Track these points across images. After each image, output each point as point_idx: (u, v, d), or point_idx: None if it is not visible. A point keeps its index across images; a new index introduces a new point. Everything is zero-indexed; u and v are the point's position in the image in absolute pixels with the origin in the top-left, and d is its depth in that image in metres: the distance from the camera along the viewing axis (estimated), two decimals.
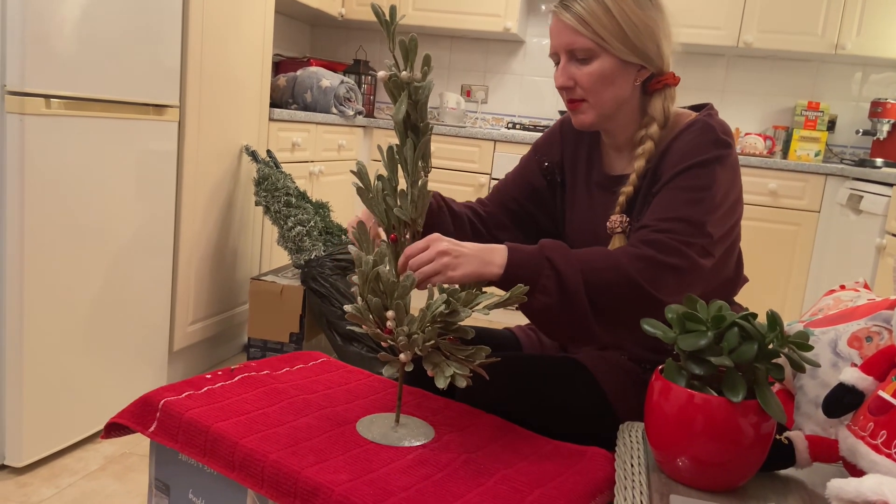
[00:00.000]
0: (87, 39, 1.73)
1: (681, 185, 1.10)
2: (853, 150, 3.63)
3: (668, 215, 1.08)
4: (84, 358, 1.86)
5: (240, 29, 2.41)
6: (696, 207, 1.08)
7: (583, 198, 1.29)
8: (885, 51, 3.26)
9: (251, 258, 2.69)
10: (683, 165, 1.10)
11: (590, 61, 1.14)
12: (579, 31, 1.12)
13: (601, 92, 1.15)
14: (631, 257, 1.04)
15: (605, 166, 1.27)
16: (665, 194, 1.11)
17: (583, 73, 1.15)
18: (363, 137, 3.54)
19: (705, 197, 1.09)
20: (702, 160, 1.10)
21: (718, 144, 1.12)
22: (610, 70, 1.14)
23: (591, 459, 1.00)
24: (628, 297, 1.02)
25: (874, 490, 0.64)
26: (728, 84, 3.72)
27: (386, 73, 0.96)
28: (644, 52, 1.14)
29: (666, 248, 1.05)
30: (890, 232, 2.45)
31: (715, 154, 1.11)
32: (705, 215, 1.08)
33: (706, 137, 1.12)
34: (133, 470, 1.81)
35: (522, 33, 3.82)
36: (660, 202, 1.11)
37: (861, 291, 1.23)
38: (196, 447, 1.00)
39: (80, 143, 1.75)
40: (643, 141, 1.18)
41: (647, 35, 1.13)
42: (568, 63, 1.16)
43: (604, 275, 1.02)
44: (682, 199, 1.09)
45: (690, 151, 1.11)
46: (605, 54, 1.13)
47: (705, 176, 1.10)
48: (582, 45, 1.13)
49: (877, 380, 0.86)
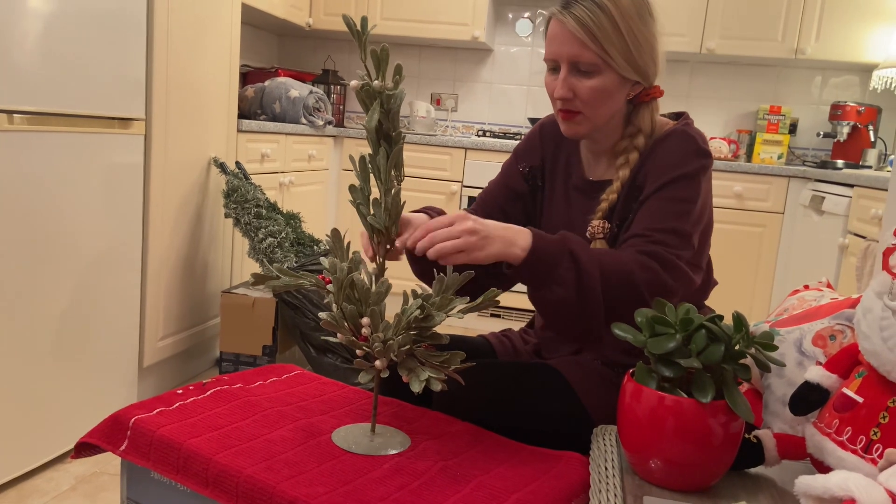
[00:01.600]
0: (50, 53, 1.70)
1: (670, 196, 1.12)
2: (815, 153, 3.71)
3: (660, 226, 1.10)
4: (52, 376, 1.82)
5: (206, 40, 2.39)
6: (683, 219, 1.11)
7: (561, 202, 1.30)
8: (844, 54, 3.35)
9: (222, 271, 2.66)
10: (671, 176, 1.13)
11: (592, 76, 1.13)
12: (586, 45, 1.10)
13: (599, 106, 1.15)
14: (639, 266, 1.05)
15: (585, 171, 1.28)
16: (655, 204, 1.13)
17: (584, 87, 1.13)
18: (333, 147, 3.53)
19: (691, 210, 1.12)
20: (687, 172, 1.13)
21: (700, 155, 1.14)
22: (611, 86, 1.14)
23: (567, 464, 1.01)
24: (629, 301, 1.03)
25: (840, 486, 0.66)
26: (692, 90, 3.79)
27: (358, 83, 0.97)
28: (644, 70, 1.15)
29: (666, 263, 1.07)
30: (852, 232, 2.51)
31: (699, 165, 1.14)
32: (692, 227, 1.12)
33: (689, 147, 1.15)
34: (105, 489, 1.78)
35: (490, 42, 3.85)
36: (650, 211, 1.12)
37: (824, 291, 1.25)
38: (168, 465, 0.99)
39: (44, 159, 1.72)
40: (628, 150, 1.19)
41: (648, 52, 1.14)
42: (569, 74, 1.14)
43: (616, 276, 1.03)
44: (672, 211, 1.11)
45: (676, 162, 1.13)
46: (608, 70, 1.13)
47: (691, 188, 1.13)
48: (588, 60, 1.12)
49: (841, 377, 0.88)
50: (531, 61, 3.96)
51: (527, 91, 3.98)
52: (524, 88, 3.98)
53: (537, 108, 3.96)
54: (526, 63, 3.97)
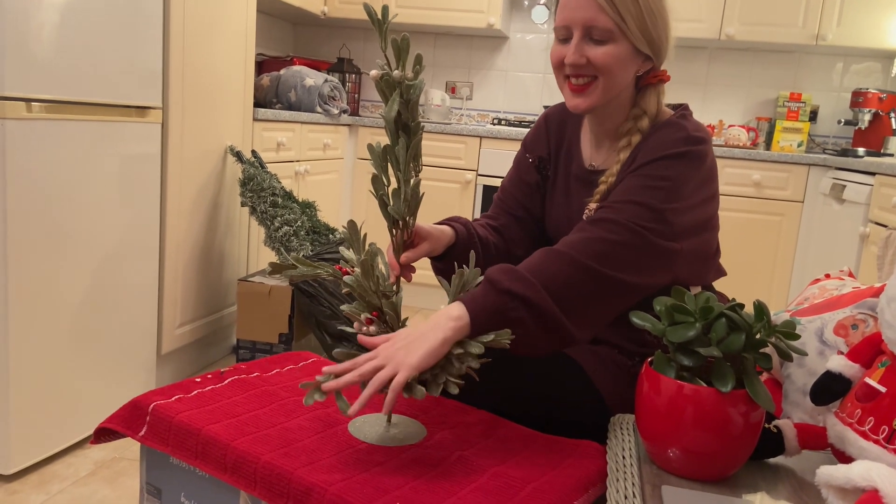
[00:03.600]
0: (67, 42, 1.71)
1: (643, 174, 1.09)
2: (835, 140, 3.66)
3: (623, 198, 1.07)
4: (71, 363, 1.84)
5: (222, 29, 2.39)
6: (654, 193, 1.06)
7: (561, 192, 1.29)
8: (866, 40, 3.29)
9: (238, 259, 2.68)
10: (649, 158, 1.10)
11: (606, 43, 1.10)
12: (603, 9, 1.07)
13: (614, 74, 1.12)
14: (577, 245, 1.02)
15: (584, 160, 1.27)
16: (627, 181, 1.10)
17: (598, 53, 1.10)
18: (348, 136, 3.53)
19: (667, 186, 1.07)
20: (669, 153, 1.10)
21: (688, 141, 1.11)
22: (624, 55, 1.11)
23: (583, 453, 1.01)
24: (590, 286, 1.00)
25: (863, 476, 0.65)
26: (711, 77, 3.74)
27: (378, 72, 0.96)
28: (656, 44, 1.13)
29: (613, 225, 1.03)
30: (873, 220, 2.47)
31: (684, 149, 1.10)
32: (664, 202, 1.06)
33: (677, 135, 1.12)
34: (123, 474, 1.80)
35: (506, 29, 3.82)
36: (620, 189, 1.10)
37: (846, 280, 1.24)
38: (187, 450, 0.99)
39: (62, 147, 1.73)
40: (631, 132, 1.17)
41: (661, 25, 1.12)
42: (582, 41, 1.11)
43: (560, 276, 0.99)
44: (640, 185, 1.08)
45: (659, 146, 1.11)
46: (622, 38, 1.10)
47: (671, 167, 1.09)
48: (603, 25, 1.09)
49: (863, 367, 0.87)
50: (547, 49, 3.93)
51: (542, 79, 3.95)
52: (540, 76, 3.95)
53: (553, 96, 3.93)
54: (542, 50, 3.94)
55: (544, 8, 3.87)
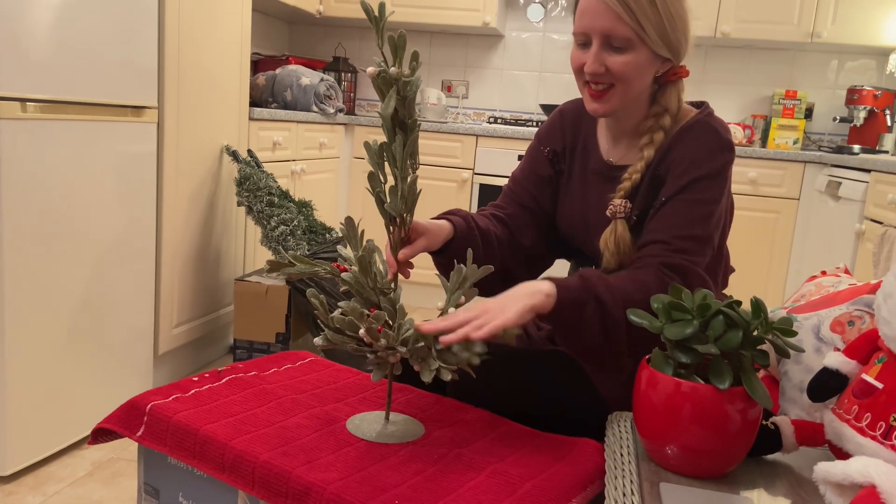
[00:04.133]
0: (62, 41, 1.70)
1: (692, 199, 1.11)
2: (831, 138, 3.67)
3: (681, 233, 1.10)
4: (68, 364, 1.84)
5: (217, 28, 2.39)
6: (705, 224, 1.11)
7: (577, 186, 1.28)
8: (861, 38, 3.30)
9: (235, 259, 2.67)
10: (694, 175, 1.12)
11: (625, 51, 1.10)
12: (622, 18, 1.07)
13: (630, 83, 1.12)
14: (661, 286, 1.04)
15: (603, 154, 1.27)
16: (677, 206, 1.12)
17: (616, 62, 1.10)
18: (344, 135, 3.53)
19: (713, 211, 1.12)
20: (710, 172, 1.12)
21: (724, 149, 1.13)
22: (643, 62, 1.11)
23: (582, 450, 1.01)
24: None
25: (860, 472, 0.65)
26: (707, 74, 3.75)
27: (375, 69, 0.96)
28: (676, 47, 1.13)
29: (688, 275, 1.07)
30: (868, 217, 2.48)
31: (722, 162, 1.13)
32: (713, 230, 1.12)
33: (713, 142, 1.13)
34: (121, 475, 1.80)
35: (502, 27, 3.82)
36: (672, 214, 1.12)
37: (842, 277, 1.24)
38: (185, 450, 0.99)
39: (57, 147, 1.73)
40: (653, 130, 1.17)
41: (681, 29, 1.12)
42: (601, 49, 1.11)
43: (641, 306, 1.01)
44: (694, 215, 1.11)
45: (699, 159, 1.12)
46: (641, 46, 1.10)
47: (714, 188, 1.12)
48: (622, 34, 1.08)
49: (860, 363, 0.87)
50: (543, 47, 3.93)
51: (538, 77, 3.95)
52: (536, 75, 3.95)
53: (549, 94, 3.93)
54: (537, 49, 3.94)
55: (539, 6, 3.87)
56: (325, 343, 0.98)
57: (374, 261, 1.00)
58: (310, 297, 0.98)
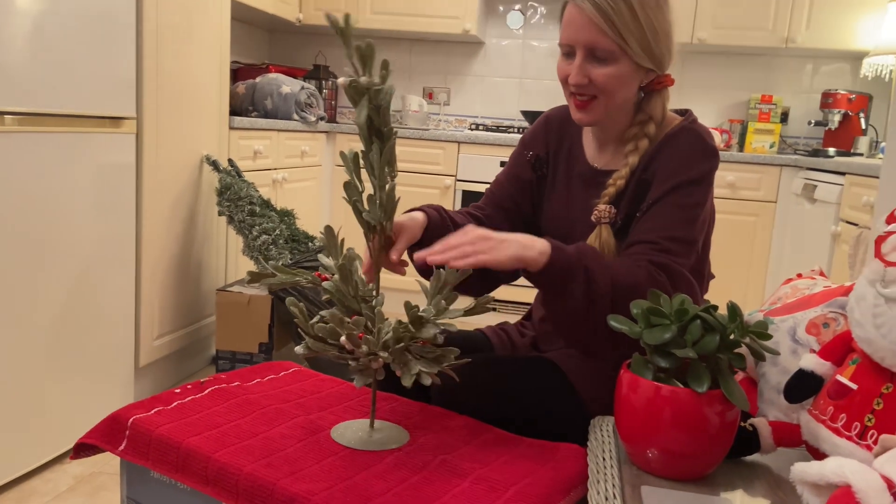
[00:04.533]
0: (39, 53, 1.69)
1: (678, 203, 1.13)
2: (806, 141, 3.72)
3: (667, 234, 1.11)
4: (48, 378, 1.82)
5: (196, 37, 2.38)
6: (690, 227, 1.12)
7: (562, 190, 1.30)
8: (834, 42, 3.36)
9: (216, 269, 2.66)
10: (680, 179, 1.13)
11: (608, 63, 1.12)
12: (604, 32, 1.09)
13: (614, 94, 1.14)
14: (650, 281, 1.05)
15: (589, 159, 1.28)
16: (664, 209, 1.13)
17: (600, 74, 1.12)
18: (326, 143, 3.53)
19: (698, 215, 1.13)
20: (696, 177, 1.13)
21: (707, 155, 1.15)
22: (626, 74, 1.13)
23: (565, 455, 1.02)
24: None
25: (835, 472, 0.66)
26: (684, 80, 3.79)
27: (346, 80, 0.97)
28: (659, 59, 1.15)
29: (673, 275, 1.07)
30: (844, 219, 2.52)
31: (707, 168, 1.15)
32: (697, 233, 1.13)
33: (698, 148, 1.15)
34: (104, 489, 1.78)
35: (482, 34, 3.84)
36: (659, 216, 1.13)
37: (817, 279, 1.26)
38: (168, 464, 0.99)
39: (35, 160, 1.71)
40: (638, 137, 1.18)
41: (664, 40, 1.14)
42: (584, 61, 1.13)
43: (626, 291, 1.03)
44: (680, 218, 1.12)
45: (685, 164, 1.14)
46: (624, 58, 1.12)
47: (698, 193, 1.13)
48: (605, 46, 1.10)
49: (834, 365, 0.89)
50: (523, 54, 3.96)
51: (519, 84, 3.97)
52: (516, 81, 3.98)
53: (530, 100, 3.96)
54: (518, 56, 3.96)
55: (519, 14, 3.90)
56: (307, 351, 0.98)
57: (354, 269, 1.01)
58: (289, 305, 0.99)
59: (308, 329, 0.98)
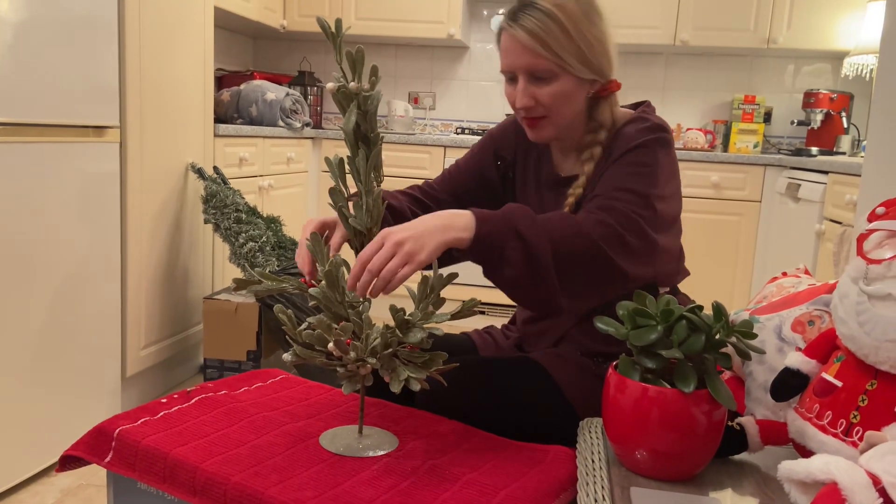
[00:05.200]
0: (20, 63, 1.68)
1: (625, 162, 1.13)
2: (789, 141, 3.76)
3: (615, 185, 1.10)
4: (33, 389, 1.80)
5: (179, 45, 2.37)
6: (640, 181, 1.10)
7: (532, 197, 1.30)
8: (815, 42, 3.39)
9: (203, 277, 2.64)
10: (625, 148, 1.14)
11: (550, 81, 1.14)
12: (539, 54, 1.12)
13: (561, 109, 1.17)
14: (593, 223, 1.04)
15: (555, 167, 1.29)
16: (610, 171, 1.14)
17: (544, 94, 1.15)
18: (312, 149, 3.52)
19: (647, 172, 1.12)
20: (642, 142, 1.14)
21: (654, 129, 1.16)
22: (569, 89, 1.15)
23: (554, 458, 1.02)
24: (592, 264, 1.03)
25: (822, 470, 0.67)
26: (668, 82, 3.81)
27: (334, 85, 0.96)
28: (599, 69, 1.16)
29: (621, 216, 1.06)
30: (828, 218, 2.54)
31: (653, 137, 1.15)
32: (649, 188, 1.10)
33: (643, 125, 1.17)
34: (91, 501, 1.76)
35: (466, 39, 3.85)
36: (606, 178, 1.13)
37: (802, 277, 1.27)
38: (155, 475, 0.98)
39: (18, 170, 1.70)
40: (592, 145, 1.20)
41: (600, 51, 1.15)
42: (528, 84, 1.16)
43: (569, 242, 1.01)
44: (626, 173, 1.12)
45: (631, 137, 1.15)
46: (564, 74, 1.14)
47: (646, 154, 1.13)
48: (543, 67, 1.13)
49: (820, 362, 0.89)
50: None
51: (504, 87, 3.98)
52: (501, 85, 3.98)
53: None
54: None
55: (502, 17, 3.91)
56: (295, 358, 0.98)
57: (341, 275, 1.00)
58: (277, 312, 0.98)
59: (296, 336, 0.97)
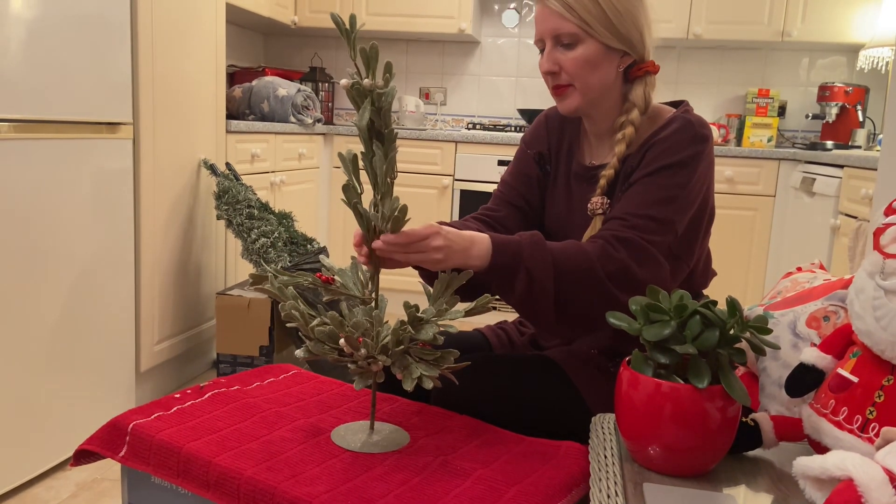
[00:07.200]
0: (34, 60, 1.69)
1: (656, 182, 1.13)
2: (804, 135, 3.72)
3: (639, 211, 1.11)
4: (49, 384, 1.82)
5: (191, 41, 2.38)
6: (665, 206, 1.12)
7: (562, 190, 1.30)
8: (830, 35, 3.35)
9: (215, 273, 2.66)
10: (664, 163, 1.13)
11: (575, 46, 1.16)
12: (565, 17, 1.14)
13: (586, 76, 1.17)
14: (603, 258, 1.07)
15: (584, 157, 1.29)
16: (640, 187, 1.14)
17: (568, 59, 1.16)
18: (323, 145, 3.52)
19: (679, 195, 1.13)
20: (681, 159, 1.13)
21: (696, 140, 1.15)
22: (595, 55, 1.16)
23: (566, 454, 1.02)
24: (595, 299, 1.07)
25: (838, 466, 0.66)
26: (681, 75, 3.79)
27: (348, 81, 0.96)
28: (628, 39, 1.16)
29: (636, 249, 1.08)
30: (843, 212, 2.52)
31: (692, 152, 1.14)
32: (674, 214, 1.12)
33: (686, 134, 1.15)
34: (106, 495, 1.78)
35: (477, 34, 3.84)
36: (634, 195, 1.13)
37: (817, 272, 1.26)
38: (169, 469, 0.99)
39: (32, 167, 1.71)
40: (624, 126, 1.19)
41: (630, 21, 1.16)
42: (553, 48, 1.17)
43: (576, 281, 1.06)
44: (655, 197, 1.12)
45: (671, 148, 1.14)
46: (589, 39, 1.15)
47: (681, 175, 1.13)
48: (567, 31, 1.15)
49: (835, 358, 0.88)
50: (519, 52, 3.95)
51: (515, 82, 3.97)
52: (513, 80, 3.97)
53: (526, 99, 3.95)
54: (514, 54, 3.96)
55: (514, 12, 3.89)
56: (307, 354, 0.98)
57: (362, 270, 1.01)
58: (289, 308, 0.98)
59: (308, 332, 0.97)
